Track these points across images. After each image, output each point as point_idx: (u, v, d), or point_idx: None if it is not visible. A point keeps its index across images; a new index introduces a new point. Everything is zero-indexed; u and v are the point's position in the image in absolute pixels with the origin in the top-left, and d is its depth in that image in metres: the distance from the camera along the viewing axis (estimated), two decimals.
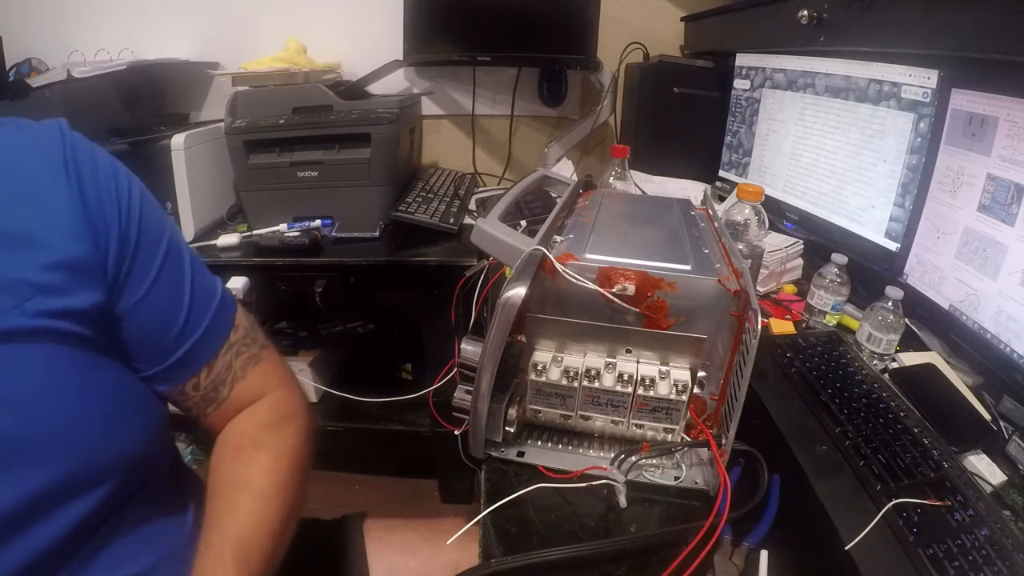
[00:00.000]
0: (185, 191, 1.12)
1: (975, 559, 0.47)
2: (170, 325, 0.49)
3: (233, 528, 0.47)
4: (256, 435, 0.52)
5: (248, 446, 0.52)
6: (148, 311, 0.47)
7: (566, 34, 1.29)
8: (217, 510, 0.48)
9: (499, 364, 0.54)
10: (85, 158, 0.45)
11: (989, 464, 0.61)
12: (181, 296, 0.49)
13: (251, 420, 0.54)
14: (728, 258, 0.61)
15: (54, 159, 0.44)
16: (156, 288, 0.47)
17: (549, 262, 0.55)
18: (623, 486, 0.52)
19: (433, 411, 1.15)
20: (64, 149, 0.44)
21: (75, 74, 1.16)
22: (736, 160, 1.27)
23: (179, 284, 0.50)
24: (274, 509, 0.49)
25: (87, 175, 0.44)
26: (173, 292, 0.49)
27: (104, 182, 0.45)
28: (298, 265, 1.10)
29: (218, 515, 0.48)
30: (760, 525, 0.55)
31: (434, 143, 1.64)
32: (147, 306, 0.47)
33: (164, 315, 0.48)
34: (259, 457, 0.51)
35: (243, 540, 0.46)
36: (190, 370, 0.50)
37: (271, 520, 0.48)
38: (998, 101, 0.70)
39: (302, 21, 1.45)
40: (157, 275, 0.48)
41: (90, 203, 0.44)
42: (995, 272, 0.71)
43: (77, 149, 0.45)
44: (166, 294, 0.48)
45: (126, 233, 0.46)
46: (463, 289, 0.99)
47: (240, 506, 0.48)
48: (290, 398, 0.57)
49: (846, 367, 0.74)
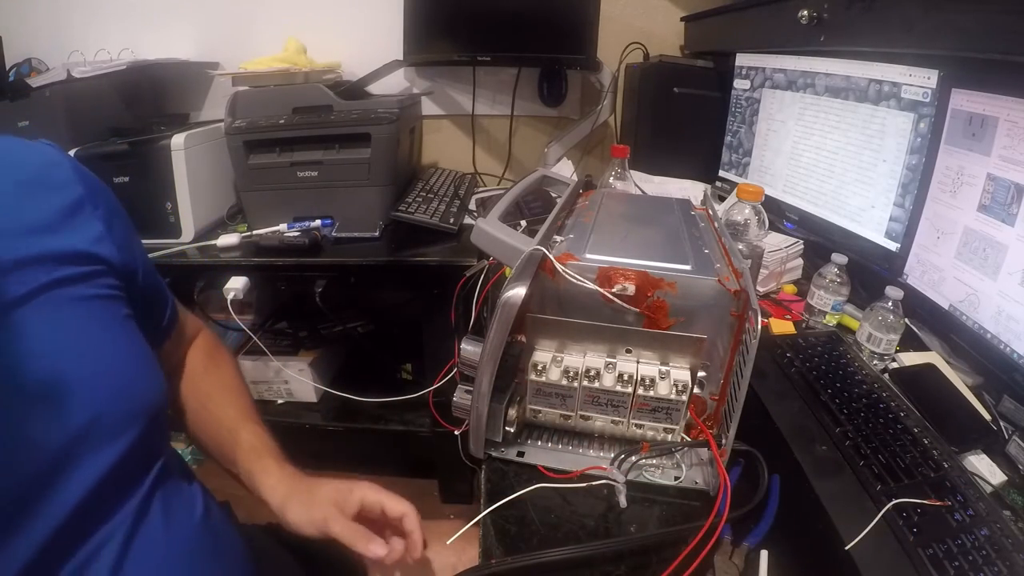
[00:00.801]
0: (185, 191, 1.12)
1: (975, 559, 0.47)
2: (160, 284, 0.59)
3: (236, 409, 0.64)
4: (208, 362, 0.68)
5: (210, 368, 0.68)
6: (146, 278, 0.55)
7: (566, 34, 1.29)
8: (217, 406, 0.64)
9: (499, 364, 0.54)
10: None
11: (989, 464, 0.61)
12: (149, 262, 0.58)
13: (199, 354, 0.68)
14: (728, 258, 0.61)
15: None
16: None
17: (549, 262, 0.55)
18: (623, 486, 0.52)
19: (433, 411, 1.15)
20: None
21: (75, 74, 1.16)
22: (736, 160, 1.27)
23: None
24: (246, 390, 0.69)
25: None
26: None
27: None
28: (298, 265, 1.10)
29: (222, 407, 0.64)
30: (760, 525, 0.55)
31: (434, 143, 1.64)
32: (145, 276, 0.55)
33: (154, 277, 0.58)
34: (221, 370, 0.68)
35: (248, 408, 0.66)
36: (174, 321, 0.63)
37: (249, 397, 0.68)
38: (998, 101, 0.70)
39: (302, 21, 1.45)
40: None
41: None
42: (995, 272, 0.71)
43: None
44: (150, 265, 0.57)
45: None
46: (463, 289, 0.99)
47: (230, 397, 0.66)
48: (209, 332, 0.72)
49: (846, 367, 0.73)
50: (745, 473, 0.58)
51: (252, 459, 0.60)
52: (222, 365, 0.69)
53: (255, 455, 0.60)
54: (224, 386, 0.67)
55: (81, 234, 0.47)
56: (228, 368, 0.70)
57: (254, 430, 0.62)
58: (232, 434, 0.62)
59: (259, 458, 0.60)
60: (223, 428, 0.63)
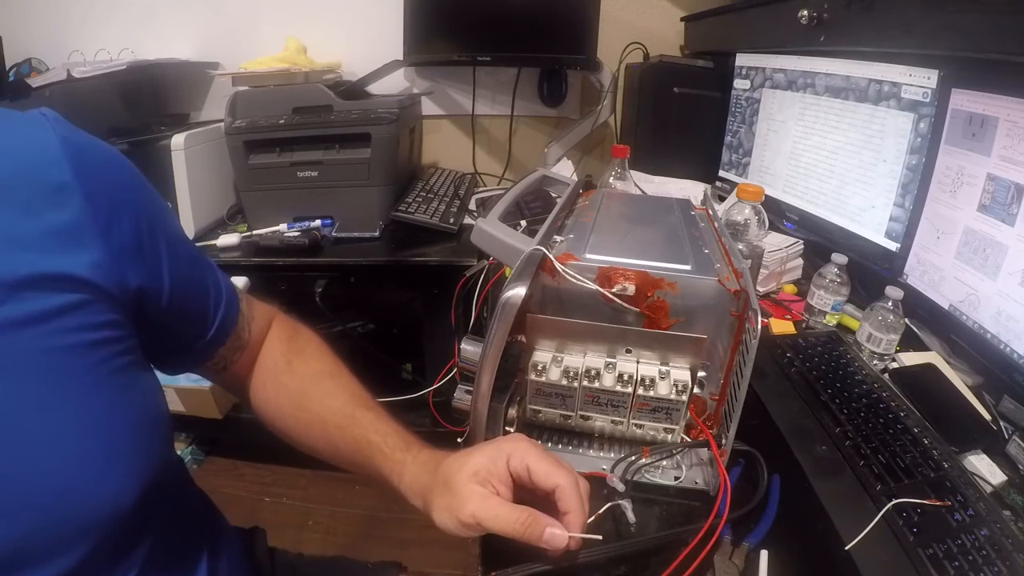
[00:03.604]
0: (185, 191, 1.12)
1: (975, 559, 0.47)
2: (202, 299, 0.48)
3: (339, 400, 0.53)
4: (289, 352, 0.56)
5: (293, 360, 0.56)
6: (179, 296, 0.44)
7: (566, 34, 1.29)
8: (316, 402, 0.53)
9: (499, 364, 0.53)
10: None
11: (989, 464, 0.61)
12: (197, 269, 0.49)
13: (276, 346, 0.57)
14: (728, 258, 0.61)
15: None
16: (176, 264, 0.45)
17: (549, 262, 0.55)
18: (628, 502, 0.51)
19: (433, 411, 1.15)
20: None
21: (75, 74, 1.16)
22: (736, 160, 1.27)
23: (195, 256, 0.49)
24: (346, 372, 0.56)
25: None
26: (191, 263, 0.47)
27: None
28: (298, 265, 1.11)
29: (322, 402, 0.53)
30: (760, 525, 0.55)
31: (434, 143, 1.64)
32: (176, 292, 0.44)
33: (194, 292, 0.47)
34: (308, 357, 0.56)
35: (355, 393, 0.54)
36: (229, 328, 0.51)
37: (351, 379, 0.56)
38: (998, 101, 0.70)
39: (302, 21, 1.45)
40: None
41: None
42: (995, 272, 0.71)
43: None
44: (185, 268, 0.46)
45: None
46: (463, 289, 1.00)
47: (328, 385, 0.54)
48: (285, 318, 0.60)
49: (846, 367, 0.73)
50: (745, 473, 0.58)
51: (377, 459, 0.49)
52: (307, 353, 0.57)
53: (379, 455, 0.49)
54: (317, 377, 0.55)
55: (72, 253, 0.34)
56: (315, 355, 0.57)
57: (369, 420, 0.51)
58: (343, 432, 0.51)
59: (385, 458, 0.48)
60: (331, 427, 0.51)
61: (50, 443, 0.33)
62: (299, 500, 1.47)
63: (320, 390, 0.54)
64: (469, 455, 0.45)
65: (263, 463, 1.53)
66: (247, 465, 1.53)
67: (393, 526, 1.37)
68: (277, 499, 1.47)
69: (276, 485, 1.50)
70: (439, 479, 0.44)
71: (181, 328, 0.46)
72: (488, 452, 0.44)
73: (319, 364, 0.56)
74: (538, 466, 0.43)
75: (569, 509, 0.42)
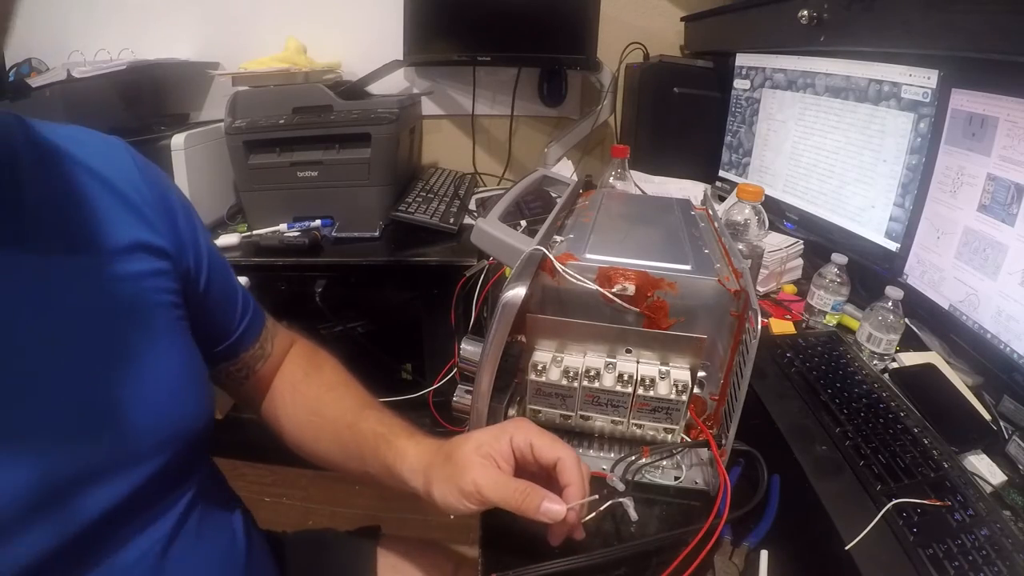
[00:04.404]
0: (185, 191, 1.11)
1: (975, 559, 0.47)
2: (232, 300, 0.55)
3: (351, 401, 0.57)
4: (308, 367, 0.62)
5: (311, 372, 0.61)
6: (215, 288, 0.52)
7: (566, 34, 1.29)
8: (329, 406, 0.57)
9: (499, 364, 0.53)
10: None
11: (989, 464, 0.61)
12: (228, 273, 0.55)
13: (297, 361, 0.62)
14: (728, 258, 0.61)
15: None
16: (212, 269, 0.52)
17: (549, 262, 0.55)
18: (630, 500, 0.51)
19: (433, 411, 1.15)
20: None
21: (75, 74, 1.16)
22: (736, 160, 1.27)
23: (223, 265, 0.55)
24: (357, 384, 0.61)
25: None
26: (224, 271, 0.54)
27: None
28: (298, 265, 1.11)
29: (334, 405, 0.57)
30: (760, 525, 0.55)
31: (434, 143, 1.64)
32: (212, 285, 0.51)
33: (225, 291, 0.54)
34: (324, 372, 0.62)
35: (365, 397, 0.59)
36: (254, 333, 0.57)
37: (362, 388, 0.61)
38: (998, 101, 0.70)
39: (302, 21, 1.45)
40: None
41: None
42: (995, 272, 0.71)
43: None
44: (220, 275, 0.53)
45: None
46: (463, 289, 1.00)
47: (341, 392, 0.59)
48: (306, 341, 0.66)
49: (846, 367, 0.73)
50: (745, 473, 0.58)
51: (382, 448, 0.50)
52: (324, 367, 0.62)
53: (384, 444, 0.51)
54: (330, 385, 0.59)
55: (156, 233, 0.44)
56: (331, 369, 0.62)
57: (375, 416, 0.54)
58: (352, 429, 0.54)
59: (389, 445, 0.50)
60: (341, 427, 0.55)
61: (154, 372, 0.42)
62: (299, 500, 1.47)
63: (333, 396, 0.58)
64: (472, 433, 0.47)
65: (263, 463, 1.53)
66: (247, 465, 1.53)
67: (393, 526, 1.36)
68: (277, 499, 1.47)
69: (276, 485, 1.50)
70: (441, 454, 0.47)
71: (211, 318, 0.52)
72: (492, 430, 0.47)
73: (334, 377, 0.61)
74: (541, 441, 0.45)
75: (570, 481, 0.44)
